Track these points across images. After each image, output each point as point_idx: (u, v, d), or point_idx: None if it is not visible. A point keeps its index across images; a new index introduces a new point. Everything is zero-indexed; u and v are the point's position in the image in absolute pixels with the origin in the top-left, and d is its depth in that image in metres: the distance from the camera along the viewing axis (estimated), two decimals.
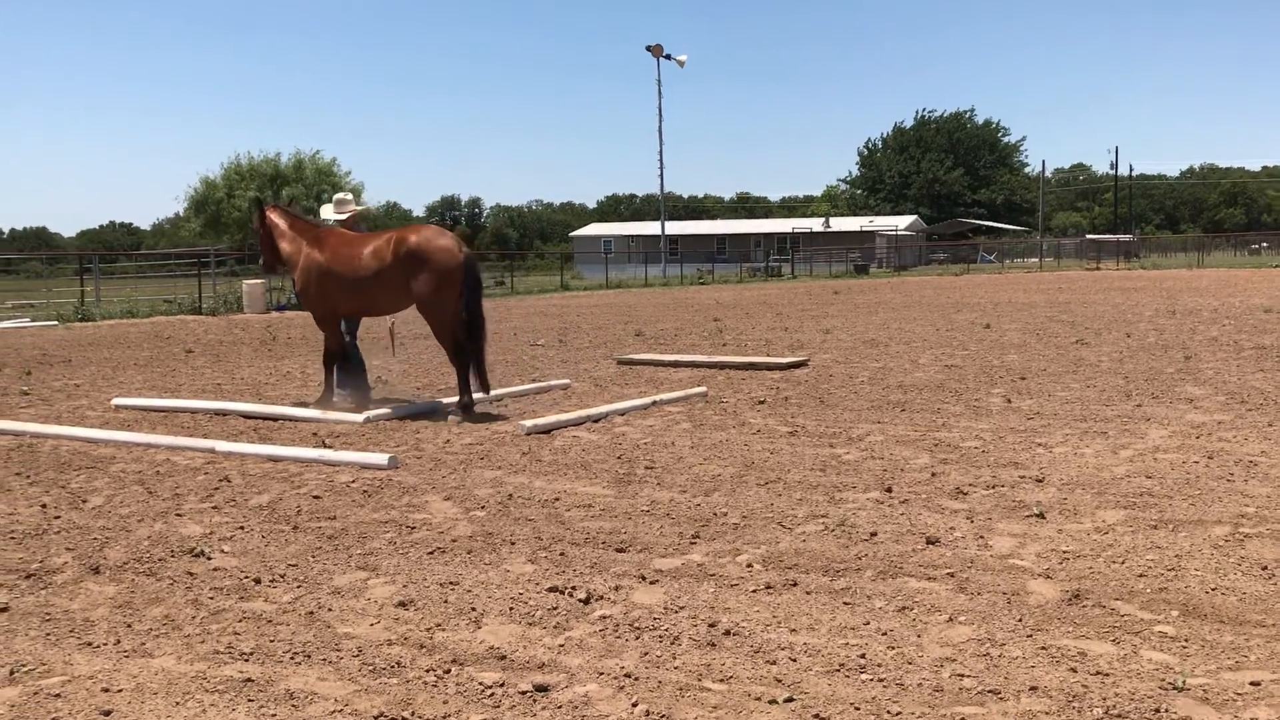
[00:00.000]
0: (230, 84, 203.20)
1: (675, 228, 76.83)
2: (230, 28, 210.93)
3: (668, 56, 58.29)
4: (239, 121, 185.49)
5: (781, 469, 6.78)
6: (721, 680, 3.52)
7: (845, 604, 4.24)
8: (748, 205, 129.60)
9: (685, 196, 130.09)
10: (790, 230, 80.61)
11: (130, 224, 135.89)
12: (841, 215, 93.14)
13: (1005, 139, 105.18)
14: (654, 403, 9.62)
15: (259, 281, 29.22)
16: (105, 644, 3.96)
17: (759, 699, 3.36)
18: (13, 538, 5.46)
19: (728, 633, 3.93)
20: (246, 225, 31.17)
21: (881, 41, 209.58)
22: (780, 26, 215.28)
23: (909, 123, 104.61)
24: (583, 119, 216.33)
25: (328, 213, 10.59)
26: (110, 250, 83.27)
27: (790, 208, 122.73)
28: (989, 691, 3.40)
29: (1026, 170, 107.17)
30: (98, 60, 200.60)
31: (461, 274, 9.15)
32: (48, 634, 4.08)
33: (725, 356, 13.63)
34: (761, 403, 9.70)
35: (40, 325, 23.78)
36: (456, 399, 9.40)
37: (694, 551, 5.00)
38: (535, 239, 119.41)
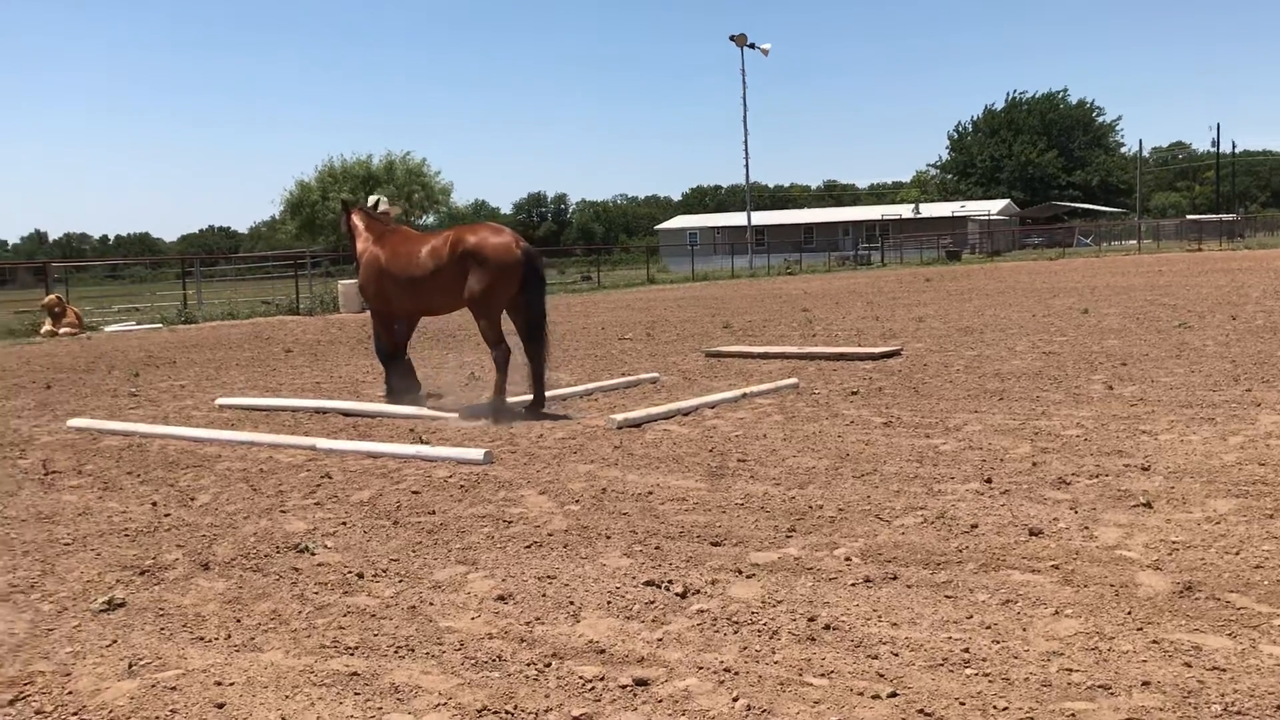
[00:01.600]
0: (325, 88, 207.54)
1: (761, 218, 76.33)
2: (323, 34, 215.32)
3: (751, 45, 57.93)
4: (333, 126, 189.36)
5: (877, 460, 6.70)
6: (823, 675, 3.49)
7: (947, 597, 4.17)
8: (835, 193, 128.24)
9: (771, 186, 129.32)
10: (879, 217, 79.61)
11: (229, 228, 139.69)
12: (932, 201, 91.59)
13: (1100, 119, 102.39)
14: (744, 395, 9.57)
15: (353, 281, 29.79)
16: (216, 639, 4.08)
17: (861, 694, 3.32)
18: (126, 535, 5.65)
19: (827, 627, 3.90)
20: (339, 228, 31.78)
21: (970, 23, 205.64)
22: (866, 10, 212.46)
23: (1000, 105, 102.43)
24: (666, 112, 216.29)
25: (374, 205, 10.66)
26: (210, 254, 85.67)
27: (879, 195, 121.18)
28: (1099, 687, 3.31)
29: (1123, 150, 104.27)
30: (196, 70, 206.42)
31: (520, 271, 8.99)
32: (162, 629, 4.21)
33: (815, 347, 13.51)
34: (854, 393, 9.60)
35: (145, 328, 24.56)
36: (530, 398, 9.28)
37: (790, 545, 4.96)
38: (621, 233, 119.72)
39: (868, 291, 28.97)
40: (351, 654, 3.85)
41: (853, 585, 4.36)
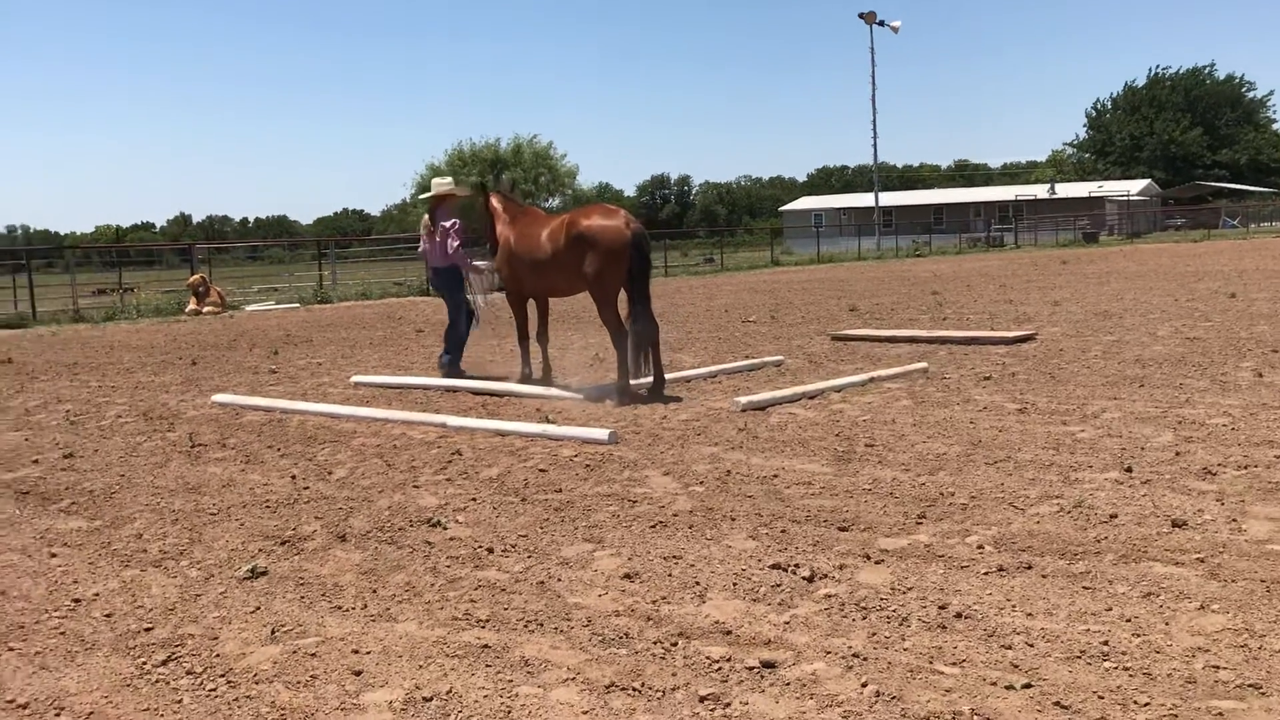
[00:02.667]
0: (453, 72, 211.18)
1: (889, 199, 74.98)
2: (454, 23, 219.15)
3: (881, 23, 56.80)
4: (463, 111, 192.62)
5: (1011, 447, 6.53)
6: (954, 663, 3.42)
7: (1085, 589, 4.05)
8: (966, 173, 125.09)
9: (899, 166, 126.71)
10: (1013, 198, 77.30)
11: (362, 210, 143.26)
12: (1068, 181, 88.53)
13: (1250, 94, 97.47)
14: (872, 379, 9.43)
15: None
16: (353, 608, 4.21)
17: (994, 684, 3.25)
18: (267, 506, 5.87)
19: (959, 615, 3.82)
20: (469, 210, 32.31)
21: None
22: None
23: (1141, 81, 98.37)
24: (791, 91, 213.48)
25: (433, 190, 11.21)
26: (345, 236, 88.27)
27: (1012, 175, 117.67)
28: (1249, 685, 3.17)
29: (1275, 127, 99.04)
30: (331, 59, 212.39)
31: (629, 252, 9.04)
32: (302, 597, 4.36)
33: (946, 331, 13.22)
34: (987, 378, 9.37)
35: (283, 308, 25.43)
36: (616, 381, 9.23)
37: (920, 532, 4.88)
38: (744, 215, 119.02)
39: (1000, 274, 28.22)
40: (482, 627, 3.93)
41: (985, 574, 4.26)
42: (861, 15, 56.25)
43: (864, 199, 73.98)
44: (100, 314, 23.42)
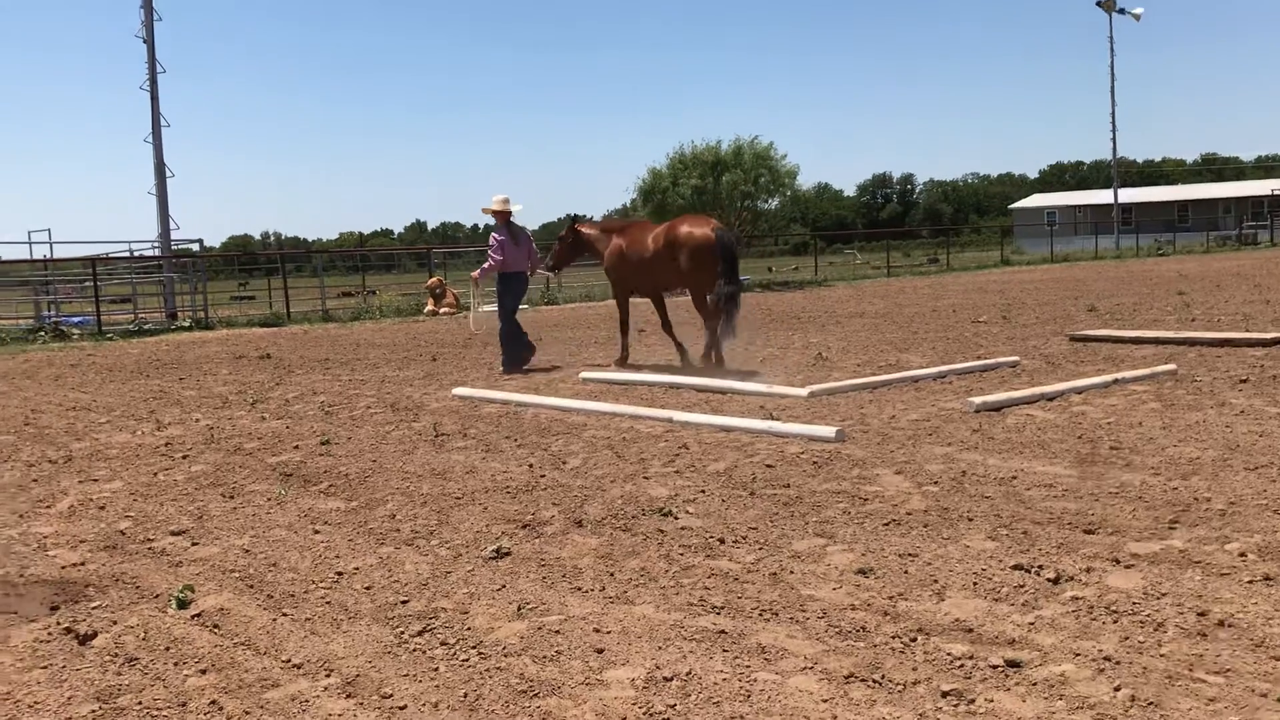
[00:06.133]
0: (673, 76, 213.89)
1: (1129, 195, 70.94)
2: (674, 25, 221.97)
3: (1121, 11, 53.85)
4: (684, 113, 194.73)
5: (1274, 453, 6.09)
6: (1217, 672, 3.23)
7: None
8: (1214, 167, 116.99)
9: (1140, 161, 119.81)
10: (1268, 193, 71.79)
11: (588, 216, 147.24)
12: None
13: None
14: (1115, 381, 8.98)
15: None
16: (592, 590, 4.34)
17: (1265, 696, 3.05)
18: (508, 492, 6.13)
19: (1221, 624, 3.60)
20: (688, 212, 32.56)
21: None
22: None
23: None
24: (1022, 84, 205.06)
25: (489, 204, 12.44)
26: None
27: (1267, 168, 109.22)
28: None
29: None
30: (555, 66, 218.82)
31: (717, 253, 10.73)
32: (544, 577, 4.54)
33: (1195, 332, 12.43)
34: (1244, 381, 8.76)
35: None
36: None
37: (1173, 537, 4.62)
38: (971, 213, 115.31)
39: (1254, 273, 26.28)
40: (718, 613, 3.98)
41: (1249, 582, 4.00)
42: (1099, 3, 53.50)
43: (1101, 195, 70.25)
44: (347, 314, 24.95)
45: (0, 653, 3.94)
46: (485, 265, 12.40)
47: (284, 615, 4.22)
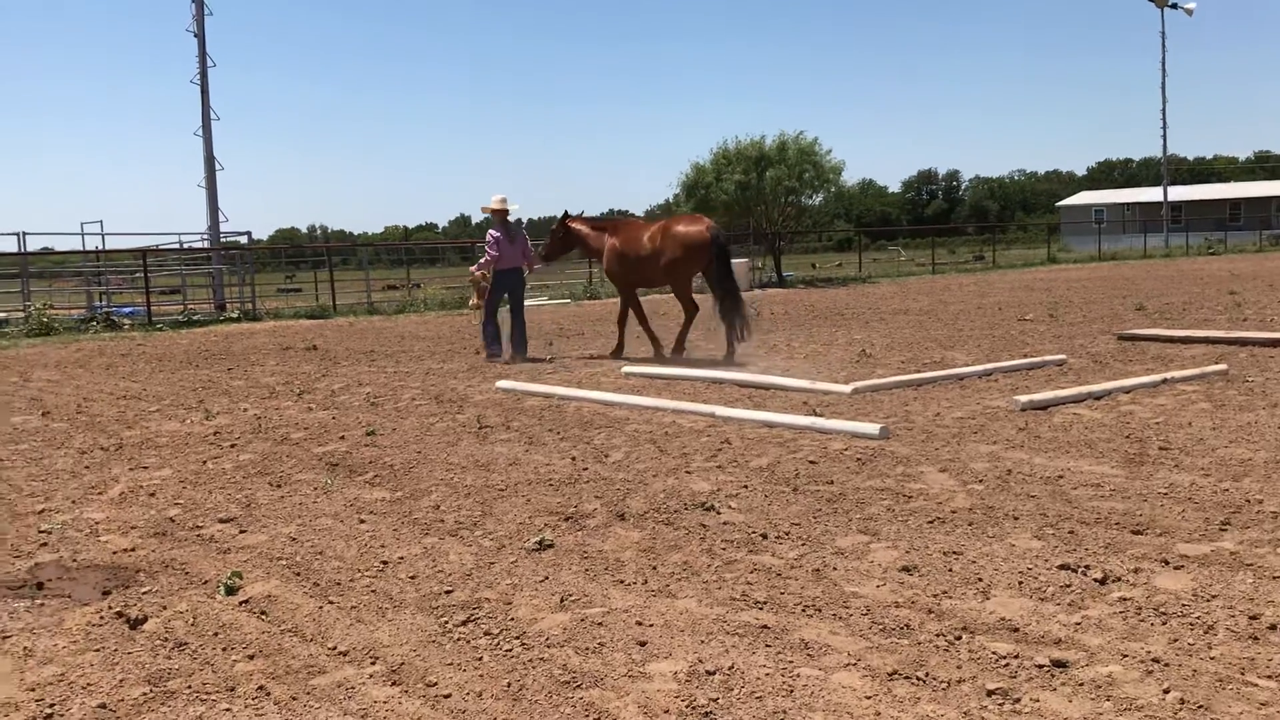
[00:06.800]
0: (717, 69, 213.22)
1: (1179, 193, 69.83)
2: (718, 22, 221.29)
3: (1173, 5, 53.01)
4: (729, 109, 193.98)
5: None
6: (1269, 677, 3.18)
7: None
8: (1268, 164, 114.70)
9: (1190, 159, 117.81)
10: None
11: (628, 211, 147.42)
12: None
13: None
14: (1165, 380, 8.86)
15: (743, 261, 30.57)
16: (635, 583, 4.35)
17: None
18: (550, 484, 6.15)
19: (1273, 627, 3.55)
20: (732, 207, 32.53)
21: None
22: None
23: None
24: (1071, 80, 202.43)
25: (489, 203, 12.93)
26: None
27: None
28: None
29: None
30: (592, 61, 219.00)
31: (709, 250, 11.71)
32: (586, 570, 4.56)
33: (1247, 332, 12.24)
34: None
35: (556, 303, 26.47)
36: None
37: (1224, 539, 4.55)
38: (1017, 210, 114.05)
39: None
40: (760, 608, 3.98)
41: None
42: None
43: (1150, 193, 69.24)
44: (392, 307, 25.15)
45: (55, 635, 4.02)
46: (484, 259, 12.95)
47: (330, 603, 4.27)
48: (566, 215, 13.46)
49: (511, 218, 13.11)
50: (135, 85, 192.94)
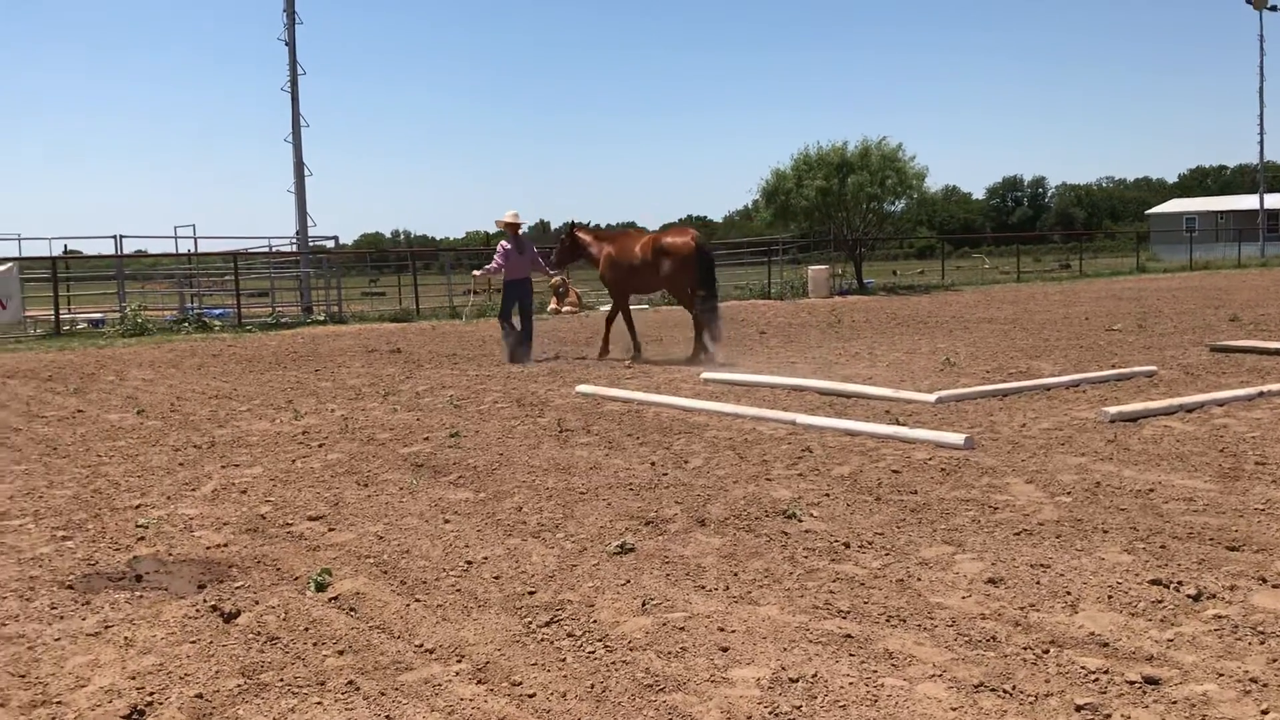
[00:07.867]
0: (799, 74, 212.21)
1: (1276, 201, 67.79)
2: (796, 28, 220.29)
3: (1272, 8, 51.51)
4: (810, 115, 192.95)
5: None
6: None
7: None
8: None
9: None
10: None
11: (705, 217, 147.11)
12: None
13: None
14: (1261, 394, 8.62)
15: (824, 268, 30.36)
16: (716, 589, 4.36)
17: None
18: (630, 489, 6.18)
19: None
20: (813, 214, 32.34)
21: None
22: None
23: None
24: (1162, 85, 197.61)
25: (502, 215, 13.76)
26: None
27: None
28: None
29: None
30: (670, 67, 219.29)
31: (694, 260, 12.76)
32: (667, 575, 4.58)
33: None
34: None
35: (638, 309, 26.52)
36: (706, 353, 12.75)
37: None
38: (1105, 218, 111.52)
39: None
40: (843, 617, 3.96)
41: None
42: (1248, 0, 51.27)
43: (1246, 201, 67.19)
44: (473, 311, 25.43)
45: (153, 626, 4.15)
46: (488, 266, 14.28)
47: (417, 601, 4.35)
48: (573, 225, 14.38)
49: (522, 230, 14.04)
50: (228, 94, 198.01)
